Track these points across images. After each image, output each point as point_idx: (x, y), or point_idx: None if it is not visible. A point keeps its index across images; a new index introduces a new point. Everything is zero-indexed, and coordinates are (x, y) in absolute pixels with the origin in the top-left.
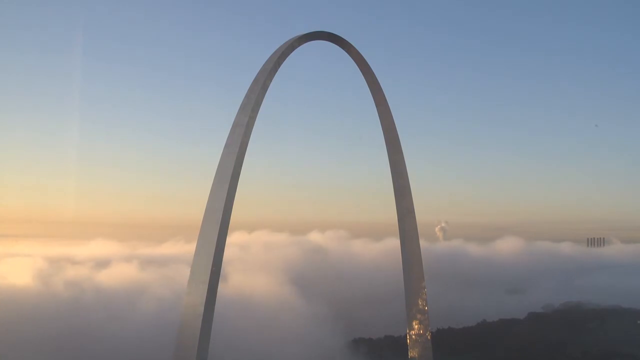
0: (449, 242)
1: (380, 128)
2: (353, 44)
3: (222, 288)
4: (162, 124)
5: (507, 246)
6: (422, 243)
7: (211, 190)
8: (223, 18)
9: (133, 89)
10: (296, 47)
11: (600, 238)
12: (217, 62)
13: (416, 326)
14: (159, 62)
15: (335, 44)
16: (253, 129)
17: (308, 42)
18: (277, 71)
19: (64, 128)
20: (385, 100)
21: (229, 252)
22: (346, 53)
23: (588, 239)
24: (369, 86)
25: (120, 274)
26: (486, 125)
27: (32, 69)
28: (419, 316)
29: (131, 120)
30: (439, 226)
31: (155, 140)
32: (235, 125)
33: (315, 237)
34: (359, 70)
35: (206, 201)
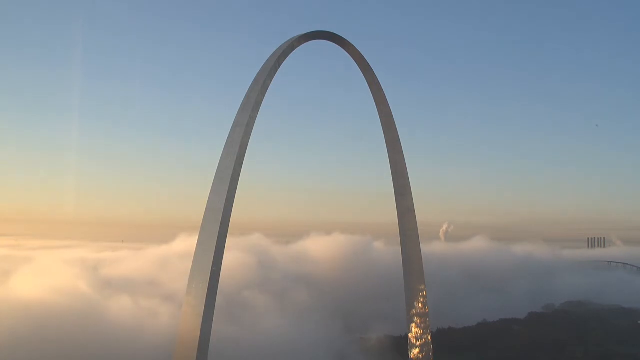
0: (451, 242)
1: (381, 127)
2: (353, 44)
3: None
4: (162, 124)
5: (507, 246)
6: (423, 242)
7: (211, 190)
8: (223, 17)
9: (133, 88)
10: (296, 47)
11: (600, 238)
12: (217, 62)
13: (416, 326)
14: (159, 61)
15: (336, 43)
16: (253, 129)
17: (308, 42)
18: (277, 71)
19: (64, 128)
20: (386, 99)
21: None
22: (346, 52)
23: (588, 238)
24: (369, 85)
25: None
26: (486, 124)
27: (32, 68)
28: (419, 316)
29: (131, 120)
30: (443, 228)
31: (155, 140)
32: (235, 125)
33: (314, 238)
34: (360, 70)
35: (206, 201)
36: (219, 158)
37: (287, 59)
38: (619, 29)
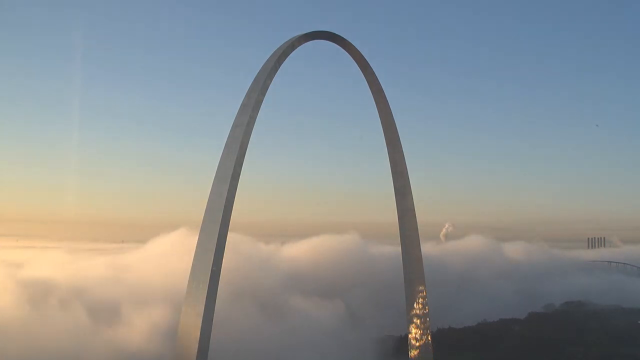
0: (450, 241)
1: (381, 127)
2: (353, 44)
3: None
4: (162, 124)
5: (507, 245)
6: (423, 243)
7: (211, 190)
8: (223, 17)
9: (133, 88)
10: (297, 47)
11: (600, 238)
12: (217, 62)
13: (416, 326)
14: (159, 61)
15: (336, 43)
16: (253, 129)
17: (308, 42)
18: (277, 71)
19: (64, 128)
20: (386, 99)
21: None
22: (347, 52)
23: (588, 238)
24: (369, 85)
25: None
26: (485, 124)
27: (32, 69)
28: (419, 316)
29: (131, 121)
30: (443, 229)
31: (155, 140)
32: (235, 125)
33: (313, 238)
34: (360, 70)
35: (206, 201)
36: (219, 158)
37: (287, 59)
38: (619, 28)
